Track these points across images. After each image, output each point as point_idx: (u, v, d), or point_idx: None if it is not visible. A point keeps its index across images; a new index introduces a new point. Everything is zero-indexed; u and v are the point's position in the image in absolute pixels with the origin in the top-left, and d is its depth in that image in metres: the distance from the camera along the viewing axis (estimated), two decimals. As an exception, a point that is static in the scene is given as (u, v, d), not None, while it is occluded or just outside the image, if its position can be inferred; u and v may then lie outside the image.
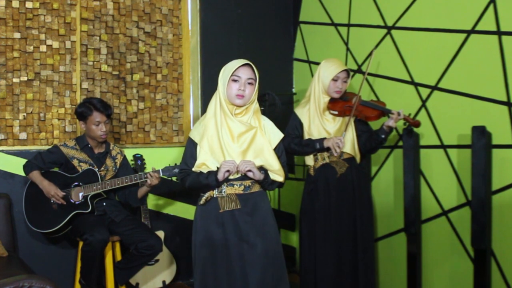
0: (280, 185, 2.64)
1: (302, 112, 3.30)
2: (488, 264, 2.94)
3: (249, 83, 2.50)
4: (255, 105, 2.59)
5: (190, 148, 2.60)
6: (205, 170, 2.52)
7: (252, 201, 2.55)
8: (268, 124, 2.63)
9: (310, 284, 3.24)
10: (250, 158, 2.51)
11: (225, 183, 2.52)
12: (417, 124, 3.14)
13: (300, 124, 3.29)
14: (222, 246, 2.49)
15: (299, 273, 3.44)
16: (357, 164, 3.29)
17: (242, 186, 2.53)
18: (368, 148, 3.28)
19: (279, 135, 2.63)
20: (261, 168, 2.55)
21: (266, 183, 2.57)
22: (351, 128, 3.25)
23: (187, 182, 2.58)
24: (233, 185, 2.52)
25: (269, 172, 2.56)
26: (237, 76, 2.50)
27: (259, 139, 2.54)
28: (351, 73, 3.77)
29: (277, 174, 2.58)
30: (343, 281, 3.20)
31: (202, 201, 2.55)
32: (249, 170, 2.47)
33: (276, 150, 2.60)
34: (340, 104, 3.23)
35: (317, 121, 3.25)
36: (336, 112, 3.23)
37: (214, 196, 2.53)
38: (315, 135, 3.24)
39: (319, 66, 3.28)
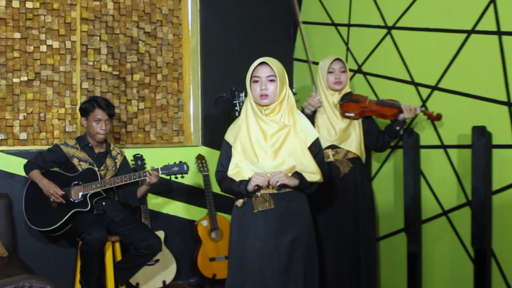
0: (318, 184, 2.57)
1: None
2: (488, 264, 2.94)
3: (270, 81, 2.48)
4: (289, 102, 2.55)
5: (226, 150, 2.62)
6: (237, 173, 2.52)
7: (287, 199, 2.52)
8: (304, 123, 2.58)
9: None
10: (283, 157, 2.48)
11: None
12: (439, 118, 3.13)
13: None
14: (254, 247, 2.49)
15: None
16: (361, 164, 3.29)
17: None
18: (381, 144, 3.27)
19: (315, 134, 2.58)
20: (296, 173, 2.50)
21: (304, 187, 2.52)
22: (358, 127, 3.25)
23: (223, 187, 2.60)
24: None
25: (304, 174, 2.50)
26: (256, 76, 2.50)
27: (293, 138, 2.50)
28: (351, 73, 3.78)
29: (312, 173, 2.51)
30: (344, 281, 3.20)
31: (240, 203, 2.55)
32: (281, 184, 2.45)
33: (311, 148, 2.55)
34: (353, 105, 3.21)
35: (325, 116, 3.26)
36: (352, 114, 3.20)
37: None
38: (322, 129, 3.24)
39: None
